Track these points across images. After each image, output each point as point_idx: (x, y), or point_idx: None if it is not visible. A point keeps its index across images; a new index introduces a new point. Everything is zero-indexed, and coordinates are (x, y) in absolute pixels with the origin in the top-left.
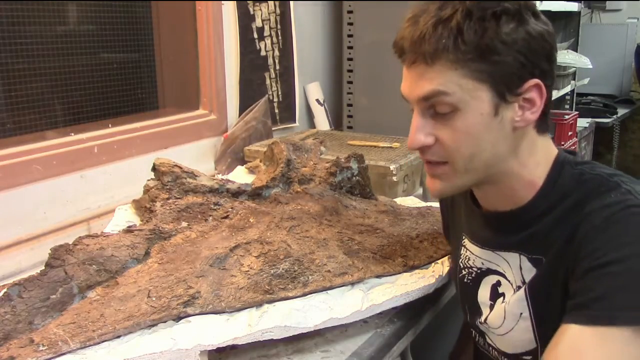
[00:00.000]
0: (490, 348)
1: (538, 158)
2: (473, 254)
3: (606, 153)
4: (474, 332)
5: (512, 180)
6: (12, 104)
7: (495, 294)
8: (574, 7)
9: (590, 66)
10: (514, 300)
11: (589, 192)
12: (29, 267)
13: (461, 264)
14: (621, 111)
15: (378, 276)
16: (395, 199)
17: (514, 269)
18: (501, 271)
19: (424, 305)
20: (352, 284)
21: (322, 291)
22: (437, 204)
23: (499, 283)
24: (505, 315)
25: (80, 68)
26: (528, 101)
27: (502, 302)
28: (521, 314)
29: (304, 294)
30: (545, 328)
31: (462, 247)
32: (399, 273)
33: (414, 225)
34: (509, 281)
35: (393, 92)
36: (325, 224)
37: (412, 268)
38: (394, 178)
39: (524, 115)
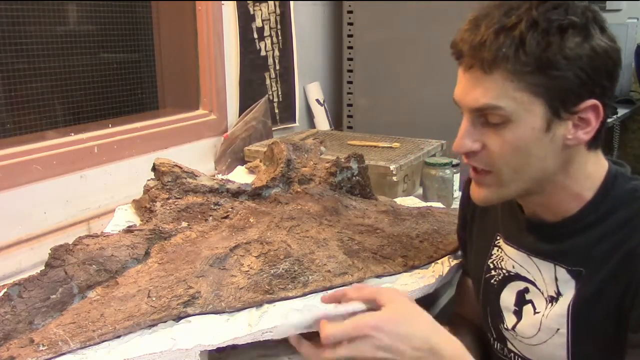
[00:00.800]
0: (513, 354)
1: (588, 172)
2: (507, 255)
3: (606, 153)
4: (491, 337)
5: (559, 193)
6: (12, 104)
7: (522, 301)
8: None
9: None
10: (553, 315)
11: None
12: (29, 267)
13: (491, 264)
14: (621, 111)
15: (378, 276)
16: (395, 199)
17: (546, 279)
18: (531, 278)
19: (424, 305)
20: (352, 284)
21: (322, 291)
22: (437, 204)
23: (526, 290)
24: (541, 327)
25: (80, 68)
26: (583, 120)
27: (535, 312)
28: (558, 329)
29: (304, 294)
30: (580, 348)
31: (495, 247)
32: (399, 273)
33: (414, 225)
34: (539, 289)
35: (393, 92)
36: (325, 224)
37: (412, 268)
38: (394, 178)
39: (576, 134)
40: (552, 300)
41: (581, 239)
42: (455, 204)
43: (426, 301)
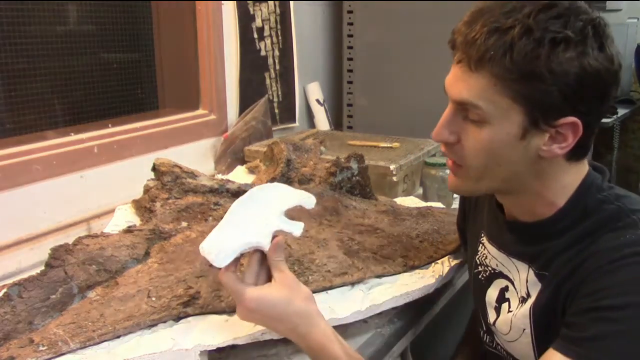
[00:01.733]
0: (499, 347)
1: (564, 183)
2: (490, 253)
3: (606, 153)
4: (481, 330)
5: (532, 198)
6: (12, 104)
7: (502, 298)
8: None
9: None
10: (520, 315)
11: (605, 223)
12: (29, 267)
13: (478, 261)
14: (621, 111)
15: (378, 276)
16: (395, 199)
17: (521, 280)
18: (511, 277)
19: (424, 305)
20: (352, 284)
21: (322, 291)
22: (437, 204)
23: (507, 288)
24: (512, 326)
25: (80, 68)
26: (560, 135)
27: (509, 310)
28: (524, 329)
29: None
30: (544, 348)
31: (481, 244)
32: (399, 273)
33: (414, 225)
34: (516, 289)
35: (393, 92)
36: (325, 224)
37: (412, 268)
38: (394, 178)
39: (551, 147)
40: (523, 300)
41: (551, 244)
42: (456, 204)
43: (426, 301)
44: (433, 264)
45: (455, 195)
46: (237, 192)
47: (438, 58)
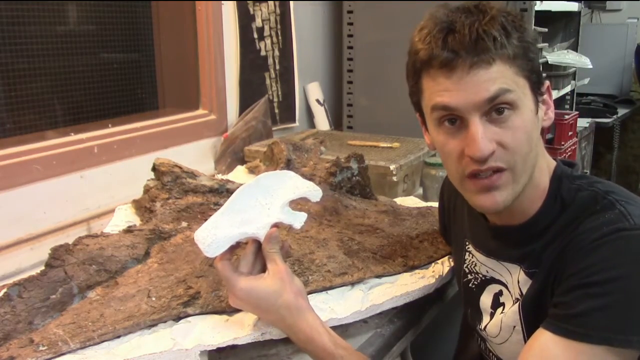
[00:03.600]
0: (491, 354)
1: (542, 162)
2: (479, 260)
3: (606, 153)
4: (477, 335)
5: (531, 186)
6: (12, 104)
7: (497, 303)
8: (574, 7)
9: (590, 66)
10: (509, 313)
11: (582, 210)
12: (29, 267)
13: (466, 269)
14: (621, 111)
15: (378, 276)
16: (395, 199)
17: (514, 281)
18: (504, 281)
19: (424, 305)
20: (352, 284)
21: (322, 291)
22: (437, 204)
23: (501, 292)
24: (502, 326)
25: (80, 68)
26: (545, 102)
27: (502, 312)
28: (514, 327)
29: None
30: None
31: (467, 252)
32: (399, 273)
33: (414, 225)
34: (510, 292)
35: (393, 92)
36: (325, 224)
37: (412, 268)
38: (394, 178)
39: (547, 114)
40: (517, 301)
41: (537, 243)
42: None
43: (426, 301)
44: (433, 264)
45: None
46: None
47: None
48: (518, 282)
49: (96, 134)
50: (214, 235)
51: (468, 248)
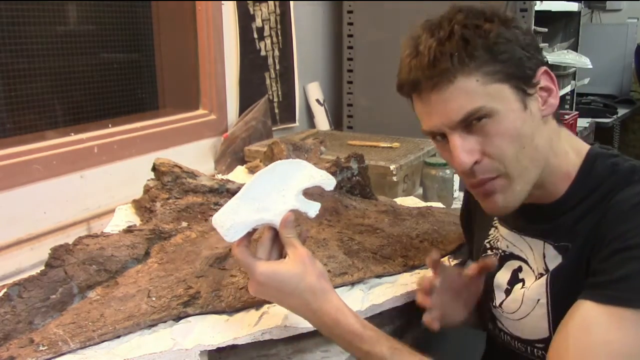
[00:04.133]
0: (502, 333)
1: (565, 147)
2: (501, 235)
3: None
4: (486, 316)
5: (551, 173)
6: (12, 104)
7: (515, 279)
8: (574, 7)
9: (590, 66)
10: (534, 286)
11: (620, 181)
12: (29, 267)
13: (487, 244)
14: (621, 111)
15: (378, 276)
16: (395, 199)
17: (536, 256)
18: (524, 257)
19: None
20: (352, 284)
21: None
22: (437, 204)
23: (520, 269)
24: (523, 300)
25: (80, 68)
26: (544, 90)
27: (522, 287)
28: (539, 300)
29: None
30: (560, 316)
31: (492, 227)
32: (399, 273)
33: (414, 225)
34: (531, 268)
35: (393, 92)
36: (325, 224)
37: (412, 268)
38: (394, 178)
39: (547, 102)
40: (541, 276)
41: (567, 217)
42: (455, 204)
43: None
44: None
45: (455, 195)
46: (237, 192)
47: None
48: (544, 256)
49: (96, 134)
50: (232, 219)
51: (494, 223)
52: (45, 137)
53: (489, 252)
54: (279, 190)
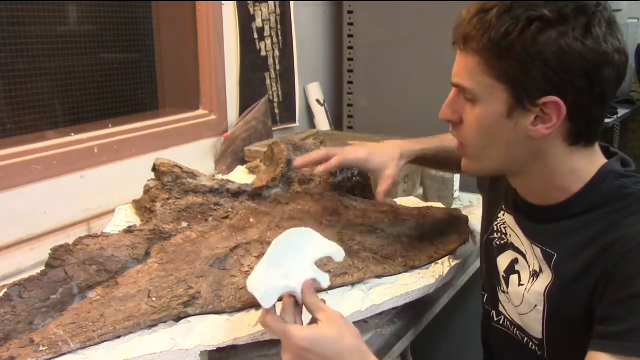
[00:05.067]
0: (502, 317)
1: (573, 167)
2: (507, 222)
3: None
4: (485, 298)
5: (541, 181)
6: (12, 104)
7: (511, 269)
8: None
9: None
10: (533, 291)
11: (627, 207)
12: (29, 267)
13: (495, 227)
14: (621, 111)
15: (378, 276)
16: (395, 199)
17: (531, 253)
18: (522, 250)
19: (424, 305)
20: (352, 284)
21: (322, 291)
22: (437, 204)
23: (516, 260)
24: (523, 300)
25: (80, 68)
26: (545, 114)
27: (519, 283)
28: (535, 305)
29: None
30: (553, 327)
31: (501, 211)
32: (399, 273)
33: (414, 225)
34: (527, 262)
35: (393, 92)
36: (325, 224)
37: (412, 268)
38: None
39: (537, 127)
40: (535, 275)
41: (559, 225)
42: (456, 204)
43: (426, 301)
44: (433, 264)
45: (455, 195)
46: (237, 192)
47: (438, 58)
48: (535, 256)
49: (96, 134)
50: (265, 284)
51: (503, 206)
52: (45, 137)
53: (495, 234)
54: (296, 260)
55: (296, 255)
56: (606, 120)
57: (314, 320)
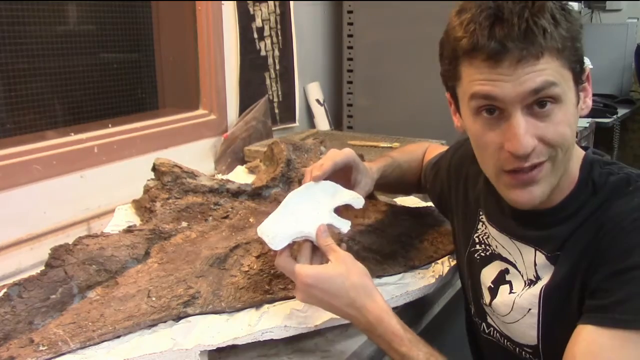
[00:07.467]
0: (492, 329)
1: (576, 152)
2: (491, 234)
3: (606, 153)
4: (471, 310)
5: (564, 176)
6: (12, 104)
7: (501, 280)
8: (574, 7)
9: (591, 66)
10: (527, 295)
11: (614, 191)
12: (29, 267)
13: (477, 238)
14: (621, 111)
15: (378, 276)
16: (395, 199)
17: (526, 262)
18: (512, 260)
19: (424, 305)
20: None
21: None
22: None
23: (507, 271)
24: (514, 307)
25: (80, 68)
26: (584, 89)
27: (511, 292)
28: (530, 309)
29: None
30: (550, 328)
31: (480, 223)
32: (399, 273)
33: (414, 225)
34: (519, 272)
35: (393, 92)
36: None
37: (412, 268)
38: None
39: (586, 102)
40: (531, 283)
41: (563, 227)
42: None
43: (426, 301)
44: (433, 264)
45: None
46: (237, 192)
47: (438, 58)
48: (535, 264)
49: (96, 134)
50: (274, 230)
51: (482, 218)
52: (45, 137)
53: (477, 247)
54: (313, 207)
55: (312, 204)
56: (606, 120)
57: (326, 261)
